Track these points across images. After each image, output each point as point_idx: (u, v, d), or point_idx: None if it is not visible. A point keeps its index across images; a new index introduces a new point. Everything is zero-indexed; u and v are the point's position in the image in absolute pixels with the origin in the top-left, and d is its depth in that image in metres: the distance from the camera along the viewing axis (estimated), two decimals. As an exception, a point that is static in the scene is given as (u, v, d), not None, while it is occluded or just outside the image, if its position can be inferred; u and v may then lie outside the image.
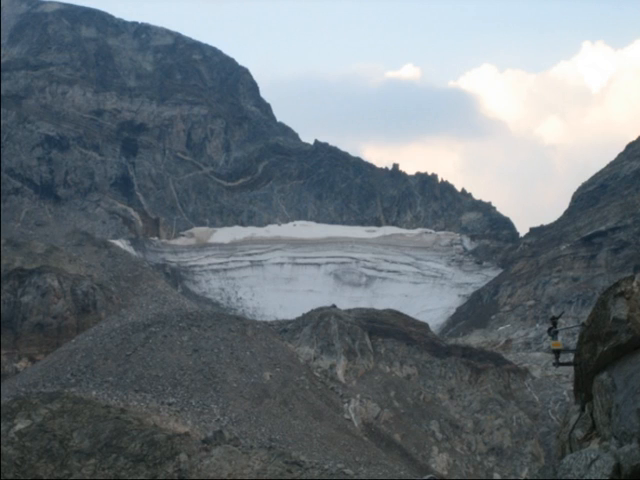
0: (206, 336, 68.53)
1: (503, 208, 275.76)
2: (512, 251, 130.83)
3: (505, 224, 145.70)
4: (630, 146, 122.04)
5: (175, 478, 46.99)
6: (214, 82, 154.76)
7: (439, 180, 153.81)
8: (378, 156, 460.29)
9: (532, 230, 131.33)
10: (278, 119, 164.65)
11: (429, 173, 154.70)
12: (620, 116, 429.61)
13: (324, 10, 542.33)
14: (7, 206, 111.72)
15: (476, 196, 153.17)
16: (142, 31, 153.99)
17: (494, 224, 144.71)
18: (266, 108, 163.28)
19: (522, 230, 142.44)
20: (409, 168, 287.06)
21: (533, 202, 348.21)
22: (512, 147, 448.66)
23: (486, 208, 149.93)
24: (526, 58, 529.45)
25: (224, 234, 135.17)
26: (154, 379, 60.92)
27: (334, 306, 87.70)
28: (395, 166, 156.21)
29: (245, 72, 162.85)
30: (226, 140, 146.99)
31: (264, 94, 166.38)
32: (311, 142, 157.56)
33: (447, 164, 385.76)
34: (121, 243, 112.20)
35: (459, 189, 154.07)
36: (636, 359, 7.78)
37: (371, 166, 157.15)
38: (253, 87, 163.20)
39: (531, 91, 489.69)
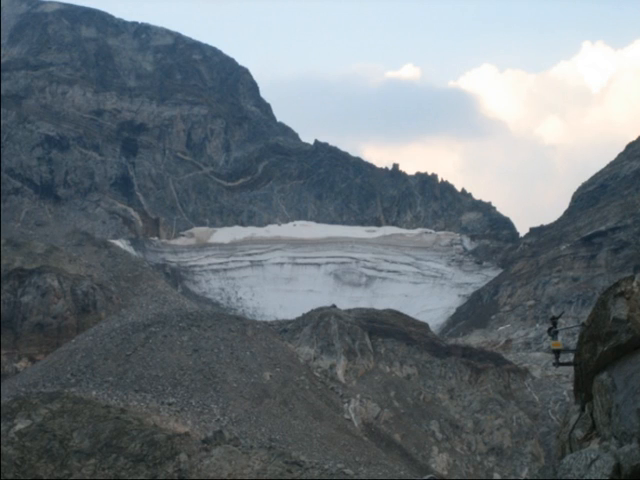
0: (206, 336, 68.53)
1: (503, 208, 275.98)
2: (512, 251, 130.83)
3: (505, 224, 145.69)
4: (630, 146, 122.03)
5: (175, 478, 46.99)
6: (214, 82, 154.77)
7: (439, 180, 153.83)
8: (378, 156, 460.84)
9: (532, 230, 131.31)
10: (278, 119, 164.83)
11: (429, 173, 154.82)
12: (620, 116, 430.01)
13: (324, 10, 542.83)
14: (7, 206, 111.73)
15: (476, 196, 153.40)
16: (142, 31, 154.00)
17: (494, 224, 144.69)
18: (266, 108, 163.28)
19: (522, 230, 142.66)
20: (409, 168, 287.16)
21: (533, 202, 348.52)
22: (512, 147, 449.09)
23: (486, 208, 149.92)
24: (526, 58, 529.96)
25: (224, 234, 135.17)
26: (154, 379, 60.92)
27: (334, 306, 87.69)
28: (395, 166, 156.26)
29: (245, 72, 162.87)
30: (226, 140, 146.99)
31: (264, 94, 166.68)
32: (311, 142, 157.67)
33: (447, 164, 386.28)
34: (121, 243, 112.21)
35: (459, 189, 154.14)
36: (636, 359, 7.78)
37: (371, 166, 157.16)
38: (253, 87, 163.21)
39: (531, 91, 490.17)
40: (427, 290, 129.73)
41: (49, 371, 63.39)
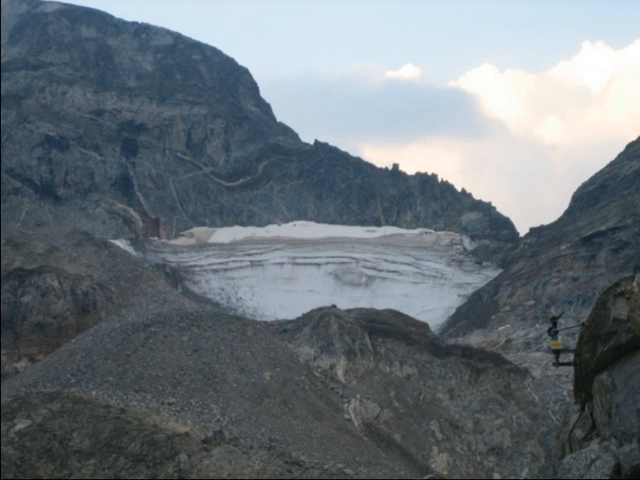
0: (206, 336, 68.52)
1: (503, 208, 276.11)
2: (512, 251, 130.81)
3: (505, 224, 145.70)
4: (630, 146, 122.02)
5: (175, 478, 46.99)
6: (214, 82, 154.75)
7: (439, 180, 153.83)
8: (378, 156, 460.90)
9: (532, 230, 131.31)
10: (278, 119, 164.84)
11: (429, 173, 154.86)
12: (620, 116, 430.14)
13: (324, 10, 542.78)
14: (7, 206, 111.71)
15: (476, 196, 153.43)
16: (142, 31, 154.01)
17: (494, 224, 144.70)
18: (266, 108, 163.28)
19: (522, 230, 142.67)
20: (409, 168, 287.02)
21: (533, 202, 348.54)
22: (512, 147, 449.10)
23: (486, 208, 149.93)
24: (526, 58, 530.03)
25: (224, 234, 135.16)
26: (154, 379, 60.92)
27: (334, 306, 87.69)
28: (395, 166, 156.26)
29: (245, 72, 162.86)
30: (226, 140, 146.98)
31: (264, 94, 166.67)
32: (311, 142, 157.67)
33: (447, 164, 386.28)
34: (121, 243, 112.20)
35: (459, 189, 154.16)
36: (636, 359, 7.78)
37: (371, 166, 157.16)
38: (253, 87, 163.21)
39: (531, 91, 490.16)
40: (427, 290, 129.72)
41: (49, 371, 63.39)
